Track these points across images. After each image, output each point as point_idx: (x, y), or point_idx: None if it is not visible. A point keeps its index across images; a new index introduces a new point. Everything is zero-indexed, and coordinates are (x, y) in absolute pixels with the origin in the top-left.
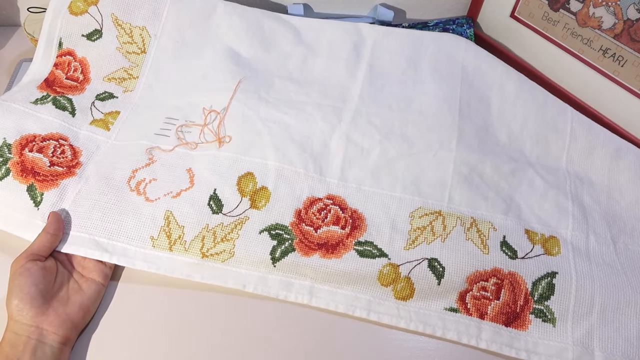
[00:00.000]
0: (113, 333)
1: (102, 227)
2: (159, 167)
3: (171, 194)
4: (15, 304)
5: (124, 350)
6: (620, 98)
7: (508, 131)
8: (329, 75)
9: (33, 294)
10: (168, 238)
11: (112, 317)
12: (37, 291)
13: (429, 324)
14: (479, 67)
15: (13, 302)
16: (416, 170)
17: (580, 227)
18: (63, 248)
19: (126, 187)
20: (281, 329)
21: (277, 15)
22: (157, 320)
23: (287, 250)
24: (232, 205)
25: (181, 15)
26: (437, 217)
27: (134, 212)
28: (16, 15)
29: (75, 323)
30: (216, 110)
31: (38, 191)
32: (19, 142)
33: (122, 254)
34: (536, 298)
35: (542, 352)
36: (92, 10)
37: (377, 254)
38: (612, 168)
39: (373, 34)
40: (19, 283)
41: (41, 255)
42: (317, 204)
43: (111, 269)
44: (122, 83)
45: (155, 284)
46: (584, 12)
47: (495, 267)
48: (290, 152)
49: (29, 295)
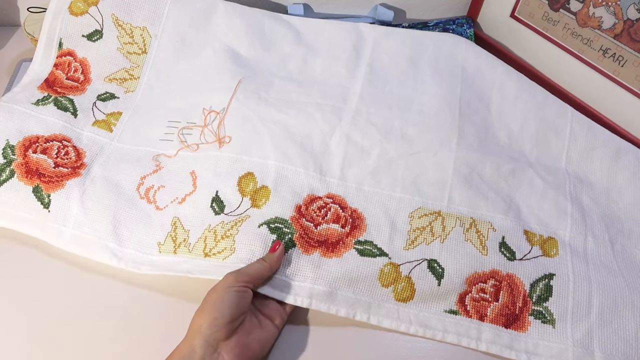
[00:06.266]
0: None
1: (114, 233)
2: (165, 173)
3: (177, 199)
4: (214, 318)
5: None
6: (620, 98)
7: (508, 131)
8: (329, 75)
9: (234, 316)
10: (174, 242)
11: (112, 317)
12: (237, 315)
13: (429, 327)
14: (479, 67)
15: (213, 314)
16: (416, 170)
17: (578, 229)
18: (76, 250)
19: (136, 194)
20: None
21: (277, 15)
22: (157, 320)
23: (288, 245)
24: (233, 205)
25: (181, 15)
26: (436, 217)
27: (145, 220)
28: (16, 15)
29: (249, 357)
30: (216, 111)
31: (44, 192)
32: (22, 144)
33: (130, 259)
34: (534, 300)
35: (542, 354)
36: (92, 11)
37: (377, 253)
38: (612, 168)
39: (373, 34)
40: (229, 301)
41: (254, 285)
42: (317, 202)
43: (287, 314)
44: (123, 83)
45: (156, 284)
46: (584, 12)
47: (494, 268)
48: (290, 152)
49: (230, 316)
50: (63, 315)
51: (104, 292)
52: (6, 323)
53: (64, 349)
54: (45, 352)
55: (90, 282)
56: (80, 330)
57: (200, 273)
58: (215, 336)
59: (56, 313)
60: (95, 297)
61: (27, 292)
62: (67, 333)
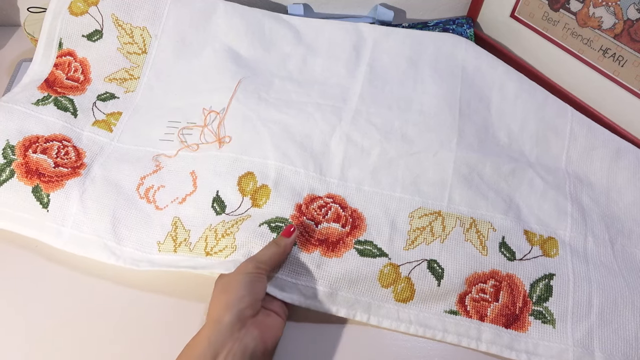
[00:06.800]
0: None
1: (113, 232)
2: (165, 173)
3: (177, 200)
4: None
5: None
6: (620, 98)
7: (508, 131)
8: (329, 75)
9: (257, 297)
10: (174, 241)
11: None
12: (259, 297)
13: (429, 327)
14: (479, 67)
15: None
16: (416, 170)
17: (578, 229)
18: (74, 250)
19: (135, 194)
20: None
21: (277, 15)
22: (157, 321)
23: None
24: (234, 205)
25: (181, 15)
26: (436, 217)
27: (144, 220)
28: (16, 15)
29: (272, 338)
30: (216, 111)
31: (44, 192)
32: (22, 144)
33: (128, 257)
34: (534, 300)
35: (543, 354)
36: (92, 11)
37: (377, 253)
38: (612, 168)
39: (373, 34)
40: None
41: (268, 270)
42: (318, 201)
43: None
44: (123, 83)
45: (155, 284)
46: (584, 12)
47: (494, 269)
48: (290, 152)
49: (255, 295)
50: (62, 316)
51: (103, 293)
52: (5, 324)
53: (64, 350)
54: (45, 353)
55: (89, 283)
56: (80, 332)
57: (203, 268)
58: (245, 313)
59: (55, 315)
60: (94, 298)
61: (26, 293)
62: (66, 334)
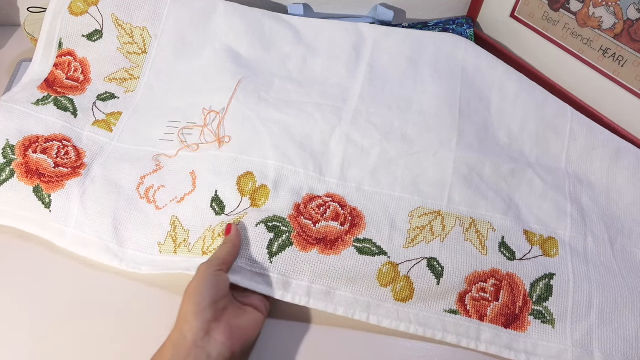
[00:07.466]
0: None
1: (115, 234)
2: (165, 173)
3: (176, 199)
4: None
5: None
6: (620, 98)
7: (508, 131)
8: (329, 75)
9: (215, 297)
10: (174, 242)
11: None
12: (218, 296)
13: (429, 326)
14: (479, 67)
15: (195, 299)
16: (416, 170)
17: (578, 229)
18: (78, 250)
19: (135, 194)
20: (278, 327)
21: (277, 15)
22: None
23: (285, 244)
24: (233, 205)
25: (181, 15)
26: (436, 217)
27: (144, 221)
28: (16, 15)
29: (241, 340)
30: (216, 111)
31: (45, 192)
32: (22, 144)
33: (131, 260)
34: (535, 299)
35: (542, 354)
36: (92, 11)
37: (377, 251)
38: (612, 168)
39: (373, 34)
40: (207, 283)
41: (227, 266)
42: (317, 201)
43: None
44: (123, 83)
45: (157, 280)
46: (584, 12)
47: (494, 268)
48: (290, 152)
49: (211, 297)
50: (65, 311)
51: (105, 287)
52: (9, 319)
53: (67, 344)
54: (48, 347)
55: (92, 277)
56: (83, 326)
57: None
58: (203, 318)
59: (59, 309)
60: (97, 292)
61: (29, 288)
62: (69, 329)
